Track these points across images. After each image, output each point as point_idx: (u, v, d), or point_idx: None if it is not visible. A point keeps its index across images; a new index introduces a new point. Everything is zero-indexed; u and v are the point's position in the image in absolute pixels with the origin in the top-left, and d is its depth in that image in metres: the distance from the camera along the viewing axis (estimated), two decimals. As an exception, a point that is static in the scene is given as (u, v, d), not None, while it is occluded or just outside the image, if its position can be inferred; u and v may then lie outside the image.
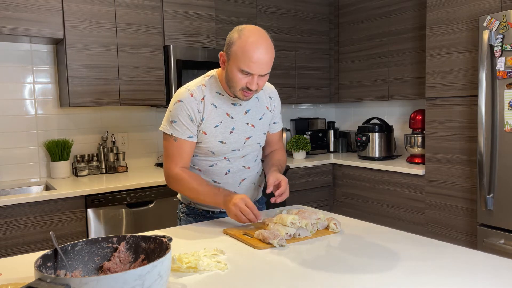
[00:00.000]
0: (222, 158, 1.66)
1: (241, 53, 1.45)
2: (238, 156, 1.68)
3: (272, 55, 1.49)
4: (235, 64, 1.48)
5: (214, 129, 1.60)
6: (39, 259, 0.90)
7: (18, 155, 2.88)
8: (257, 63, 1.45)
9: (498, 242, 2.46)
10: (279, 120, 1.84)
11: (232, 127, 1.63)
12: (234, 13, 3.40)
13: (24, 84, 2.88)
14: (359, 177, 3.49)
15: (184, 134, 1.58)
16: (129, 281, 0.81)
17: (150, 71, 2.97)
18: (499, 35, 2.39)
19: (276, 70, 3.67)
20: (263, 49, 1.45)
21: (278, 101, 1.82)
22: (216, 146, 1.62)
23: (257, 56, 1.44)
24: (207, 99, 1.59)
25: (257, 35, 1.47)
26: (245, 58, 1.45)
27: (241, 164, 1.70)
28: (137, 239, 1.06)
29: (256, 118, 1.69)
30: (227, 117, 1.62)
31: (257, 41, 1.45)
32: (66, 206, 2.44)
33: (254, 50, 1.44)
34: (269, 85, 1.81)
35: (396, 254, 1.24)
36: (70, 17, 2.67)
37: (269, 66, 1.49)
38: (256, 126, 1.69)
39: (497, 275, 1.07)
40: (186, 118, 1.56)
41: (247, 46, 1.45)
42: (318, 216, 1.50)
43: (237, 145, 1.65)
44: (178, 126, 1.58)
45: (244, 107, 1.66)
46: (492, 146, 2.46)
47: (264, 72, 1.49)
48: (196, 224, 1.63)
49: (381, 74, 3.58)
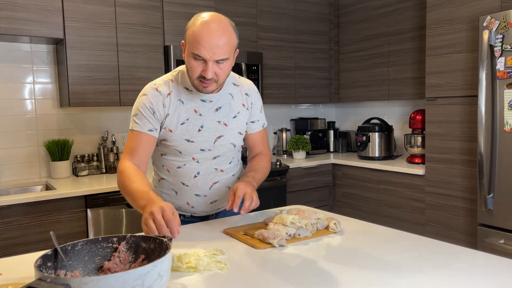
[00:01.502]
0: (190, 158, 1.56)
1: (192, 37, 1.37)
2: (208, 157, 1.58)
3: (229, 39, 1.38)
4: (188, 50, 1.40)
5: (180, 126, 1.52)
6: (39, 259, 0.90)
7: (18, 155, 2.88)
8: (208, 47, 1.35)
9: (498, 242, 2.46)
10: (260, 119, 1.69)
11: (201, 125, 1.53)
12: (234, 13, 3.40)
13: (24, 84, 2.88)
14: (359, 177, 3.49)
15: (144, 127, 1.49)
16: (129, 281, 0.81)
17: (150, 71, 2.97)
18: (499, 35, 2.39)
19: (276, 70, 3.67)
20: (215, 31, 1.35)
21: (257, 98, 1.68)
22: (183, 145, 1.53)
23: (208, 38, 1.34)
24: (173, 94, 1.51)
25: (210, 18, 1.38)
26: (195, 41, 1.36)
27: (212, 166, 1.60)
28: (137, 239, 1.06)
29: (229, 116, 1.58)
30: (195, 114, 1.52)
31: (208, 23, 1.36)
32: (66, 206, 2.44)
33: (204, 32, 1.35)
34: (247, 81, 1.68)
35: (396, 254, 1.24)
36: (70, 17, 2.67)
37: (223, 51, 1.37)
38: (229, 124, 1.58)
39: (497, 275, 1.07)
40: (147, 111, 1.48)
41: (197, 29, 1.36)
42: (318, 216, 1.50)
43: (206, 144, 1.55)
44: (138, 118, 1.50)
45: (215, 104, 1.55)
46: (492, 146, 2.46)
47: (218, 57, 1.37)
48: (196, 224, 1.63)
49: (381, 74, 3.58)
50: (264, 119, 1.73)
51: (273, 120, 4.08)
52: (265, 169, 1.67)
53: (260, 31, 3.57)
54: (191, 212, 1.69)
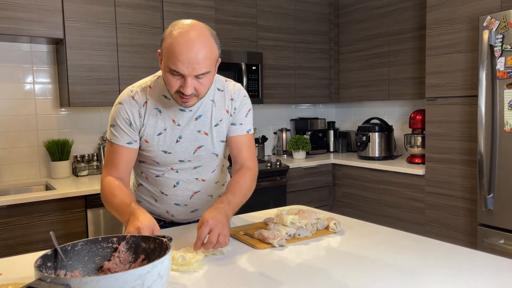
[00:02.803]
0: (169, 168, 1.47)
1: (169, 50, 1.24)
2: (188, 167, 1.49)
3: (209, 53, 1.25)
4: (165, 63, 1.27)
5: (156, 137, 1.42)
6: (39, 259, 0.90)
7: (18, 155, 2.88)
8: (186, 62, 1.22)
9: (498, 242, 2.46)
10: (243, 123, 1.52)
11: (179, 135, 1.43)
12: (234, 13, 3.40)
13: (24, 84, 2.88)
14: (359, 177, 3.49)
15: (123, 140, 1.41)
16: (129, 281, 0.81)
17: (150, 71, 2.96)
18: (499, 35, 2.39)
19: (276, 70, 3.67)
20: (194, 45, 1.22)
21: (244, 103, 1.52)
22: (160, 156, 1.44)
23: (186, 53, 1.22)
24: (150, 103, 1.41)
25: (189, 29, 1.24)
26: (172, 56, 1.23)
27: (192, 176, 1.51)
28: (137, 239, 1.06)
29: (210, 124, 1.46)
30: (173, 124, 1.42)
31: (187, 36, 1.23)
32: (66, 206, 2.44)
33: (182, 46, 1.22)
34: (235, 85, 1.53)
35: (396, 254, 1.24)
36: (70, 17, 2.67)
37: (203, 65, 1.25)
38: (210, 133, 1.47)
39: (497, 275, 1.07)
40: (124, 123, 1.40)
41: (175, 42, 1.23)
42: (318, 216, 1.50)
43: (184, 155, 1.46)
44: (116, 130, 1.41)
45: (195, 112, 1.44)
46: (492, 146, 2.46)
47: (197, 73, 1.25)
48: (195, 224, 1.63)
49: (381, 74, 3.58)
50: (251, 125, 1.55)
51: (273, 120, 4.08)
52: (246, 189, 1.46)
53: (260, 31, 3.57)
54: (171, 219, 1.63)
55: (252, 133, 1.57)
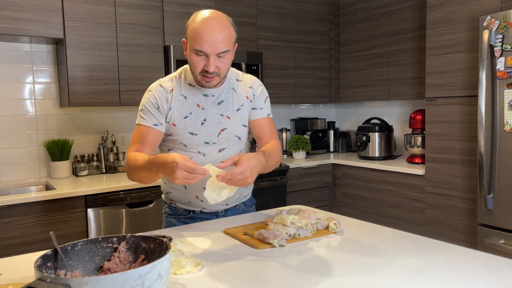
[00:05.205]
0: (196, 152, 1.60)
1: (193, 33, 1.45)
2: (213, 150, 1.61)
3: (228, 33, 1.46)
4: (190, 46, 1.47)
5: (183, 120, 1.58)
6: (39, 259, 0.90)
7: (18, 155, 2.88)
8: (209, 42, 1.42)
9: (498, 242, 2.46)
10: (263, 107, 1.69)
11: (204, 118, 1.59)
12: (234, 13, 3.40)
13: (24, 84, 2.88)
14: (359, 177, 3.49)
15: (150, 121, 1.57)
16: (129, 281, 0.81)
17: (150, 71, 2.97)
18: (499, 35, 2.39)
19: (276, 70, 3.67)
20: (214, 26, 1.43)
21: (262, 90, 1.70)
22: (187, 137, 1.59)
23: (209, 33, 1.42)
24: (176, 90, 1.59)
25: (209, 14, 1.46)
26: (197, 37, 1.44)
27: (218, 159, 1.61)
28: (137, 239, 1.06)
29: (232, 109, 1.63)
30: (198, 108, 1.59)
31: (208, 20, 1.44)
32: (66, 206, 2.44)
33: (204, 28, 1.43)
34: (251, 76, 1.73)
35: (396, 254, 1.24)
36: (70, 17, 2.67)
37: (224, 44, 1.45)
38: (233, 117, 1.63)
39: (497, 275, 1.07)
40: (152, 106, 1.57)
41: (198, 26, 1.44)
42: (318, 216, 1.50)
43: (210, 137, 1.60)
44: (144, 113, 1.58)
45: (217, 98, 1.61)
46: (492, 146, 2.46)
47: (219, 50, 1.45)
48: (196, 224, 1.63)
49: (381, 74, 3.58)
50: (270, 110, 1.73)
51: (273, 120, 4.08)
52: (277, 152, 1.60)
53: (260, 31, 3.57)
54: (201, 206, 1.69)
55: (272, 117, 1.74)
